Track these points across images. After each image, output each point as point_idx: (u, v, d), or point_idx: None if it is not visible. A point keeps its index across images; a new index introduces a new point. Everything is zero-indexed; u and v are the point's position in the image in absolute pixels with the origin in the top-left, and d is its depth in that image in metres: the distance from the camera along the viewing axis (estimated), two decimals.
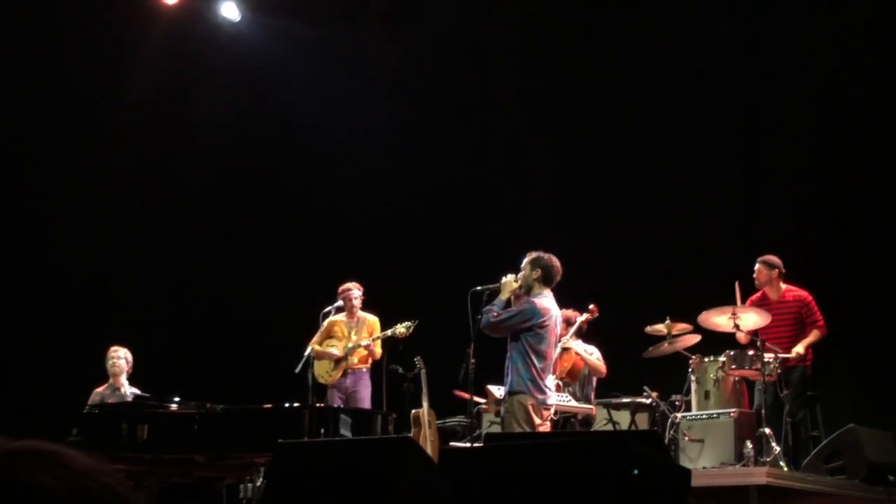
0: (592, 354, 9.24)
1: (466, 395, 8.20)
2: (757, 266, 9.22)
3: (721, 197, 11.38)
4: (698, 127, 11.62)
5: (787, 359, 8.86)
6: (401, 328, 9.41)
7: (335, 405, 9.21)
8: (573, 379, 9.09)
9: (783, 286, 9.18)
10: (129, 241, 12.69)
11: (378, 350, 9.70)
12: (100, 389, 9.67)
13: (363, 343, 9.68)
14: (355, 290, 9.88)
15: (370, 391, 9.79)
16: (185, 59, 13.05)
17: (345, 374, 9.79)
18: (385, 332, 9.59)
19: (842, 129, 10.74)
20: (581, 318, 9.19)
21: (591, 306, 9.24)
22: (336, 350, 9.76)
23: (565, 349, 8.95)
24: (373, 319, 9.92)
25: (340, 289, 9.88)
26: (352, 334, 9.85)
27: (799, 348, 8.88)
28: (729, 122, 11.41)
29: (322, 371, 9.81)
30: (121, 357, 9.68)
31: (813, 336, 9.00)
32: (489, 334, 7.44)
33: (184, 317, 12.63)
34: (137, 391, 9.52)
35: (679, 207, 11.56)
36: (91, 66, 12.44)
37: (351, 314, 9.91)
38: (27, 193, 12.40)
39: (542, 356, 7.27)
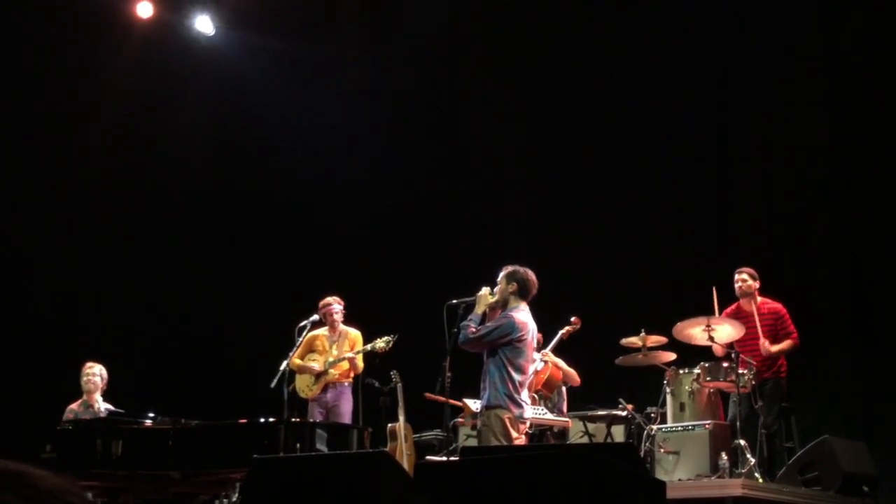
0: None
1: (441, 399, 8.16)
2: (742, 276, 9.24)
3: (695, 209, 11.40)
4: (672, 139, 11.66)
5: (762, 371, 8.92)
6: (380, 343, 9.38)
7: (316, 420, 9.18)
8: (550, 391, 9.10)
9: (759, 298, 9.24)
10: (104, 255, 12.62)
11: (360, 364, 9.69)
12: (73, 406, 9.60)
13: (346, 356, 9.65)
14: (336, 305, 9.84)
15: (352, 406, 9.76)
16: (160, 73, 13.01)
17: (325, 389, 9.75)
18: (364, 347, 9.56)
19: (815, 141, 10.79)
20: (563, 329, 9.23)
21: (573, 318, 9.28)
22: (317, 364, 9.73)
23: (544, 362, 8.97)
24: (355, 333, 9.89)
25: (321, 303, 9.82)
26: (333, 349, 9.81)
27: (770, 347, 8.94)
28: (702, 133, 11.45)
29: (303, 385, 9.77)
30: (96, 374, 9.63)
31: (786, 344, 9.06)
32: (467, 349, 7.42)
33: (158, 332, 12.57)
34: (111, 407, 9.47)
35: (653, 219, 11.58)
36: (65, 80, 12.40)
37: (333, 328, 9.87)
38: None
39: (519, 370, 7.27)
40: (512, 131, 12.34)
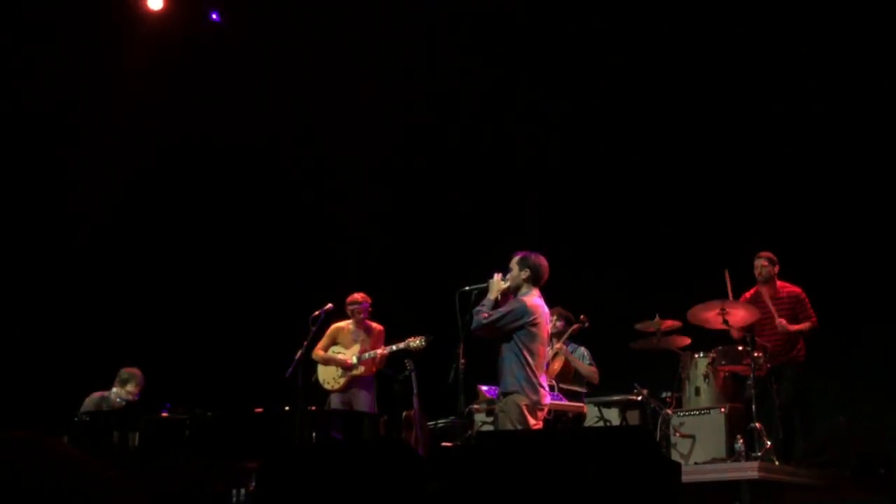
0: (584, 359, 9.27)
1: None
2: (762, 261, 9.23)
3: (709, 191, 11.35)
4: (683, 123, 11.61)
5: (781, 354, 8.90)
6: (415, 342, 9.39)
7: (338, 409, 9.25)
8: (565, 382, 9.13)
9: (777, 282, 9.22)
10: (118, 246, 12.65)
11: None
12: (96, 397, 9.60)
13: (379, 351, 9.69)
14: (364, 303, 9.89)
15: (373, 396, 9.80)
16: (171, 65, 13.00)
17: (350, 381, 9.81)
18: (399, 345, 9.57)
19: (826, 122, 10.74)
20: (572, 327, 9.26)
21: (581, 316, 9.31)
22: (344, 356, 9.76)
23: (556, 354, 9.00)
24: (380, 329, 9.95)
25: (348, 300, 9.86)
26: (358, 342, 9.83)
27: (788, 325, 8.92)
28: (713, 118, 11.39)
29: (328, 377, 9.82)
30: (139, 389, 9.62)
31: (804, 325, 9.05)
32: (481, 336, 7.39)
33: (173, 322, 12.59)
34: (127, 397, 9.47)
35: (667, 203, 11.55)
36: (77, 73, 12.40)
37: (359, 323, 9.91)
38: (15, 199, 12.35)
39: (535, 354, 7.25)
40: (523, 116, 12.31)
